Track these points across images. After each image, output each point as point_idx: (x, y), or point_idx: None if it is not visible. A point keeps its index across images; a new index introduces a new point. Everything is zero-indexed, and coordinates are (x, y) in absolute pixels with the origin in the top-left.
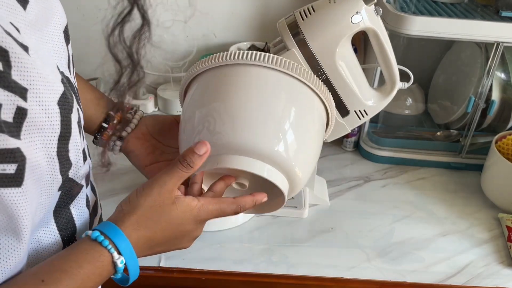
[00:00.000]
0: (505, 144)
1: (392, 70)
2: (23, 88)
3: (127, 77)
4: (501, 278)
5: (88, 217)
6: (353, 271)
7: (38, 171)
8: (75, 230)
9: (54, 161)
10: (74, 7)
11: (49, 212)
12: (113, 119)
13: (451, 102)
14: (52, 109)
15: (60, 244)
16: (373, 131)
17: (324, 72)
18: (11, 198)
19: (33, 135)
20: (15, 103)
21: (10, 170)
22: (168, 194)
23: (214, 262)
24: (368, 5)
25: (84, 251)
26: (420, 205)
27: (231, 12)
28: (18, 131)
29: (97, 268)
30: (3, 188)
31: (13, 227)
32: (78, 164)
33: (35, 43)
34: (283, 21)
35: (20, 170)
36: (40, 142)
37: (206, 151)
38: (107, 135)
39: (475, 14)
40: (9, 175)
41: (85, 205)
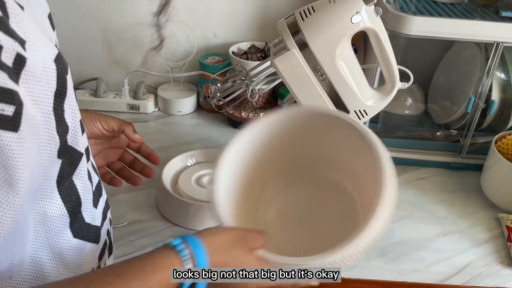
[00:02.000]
0: (505, 144)
1: (392, 70)
2: (21, 39)
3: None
4: (501, 278)
5: (92, 191)
6: (353, 271)
7: (34, 123)
8: (80, 202)
9: (50, 117)
10: (74, 7)
11: (51, 182)
12: None
13: (451, 102)
14: (49, 65)
15: (67, 217)
16: (373, 131)
17: (324, 72)
18: (8, 143)
19: (31, 85)
20: (15, 49)
21: (8, 112)
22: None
23: None
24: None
25: (162, 256)
26: (420, 205)
27: (231, 12)
28: (17, 77)
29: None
30: (0, 129)
31: (7, 177)
32: (76, 130)
33: (27, 8)
34: (283, 21)
35: (17, 114)
36: (37, 93)
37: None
38: None
39: (475, 14)
40: (6, 117)
41: (87, 178)
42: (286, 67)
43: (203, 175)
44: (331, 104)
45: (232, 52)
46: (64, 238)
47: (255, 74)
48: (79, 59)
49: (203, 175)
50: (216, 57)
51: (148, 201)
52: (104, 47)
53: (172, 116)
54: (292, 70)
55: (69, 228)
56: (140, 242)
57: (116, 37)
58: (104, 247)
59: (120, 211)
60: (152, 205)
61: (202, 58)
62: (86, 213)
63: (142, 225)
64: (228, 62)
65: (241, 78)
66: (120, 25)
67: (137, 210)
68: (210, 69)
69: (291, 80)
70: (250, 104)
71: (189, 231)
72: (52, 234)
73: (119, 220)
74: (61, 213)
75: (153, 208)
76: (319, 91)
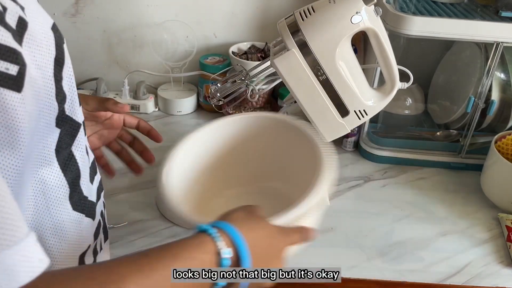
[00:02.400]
0: (505, 144)
1: (392, 70)
2: (21, 5)
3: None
4: (500, 278)
5: (89, 165)
6: (353, 270)
7: (36, 86)
8: (79, 174)
9: (50, 83)
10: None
11: (50, 150)
12: None
13: (450, 102)
14: (47, 32)
15: (67, 188)
16: (373, 131)
17: (324, 72)
18: (11, 103)
19: (33, 49)
20: (18, 13)
21: (12, 71)
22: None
23: None
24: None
25: (195, 240)
26: (420, 205)
27: (231, 12)
28: (20, 39)
29: (203, 256)
30: (4, 88)
31: (9, 138)
32: (73, 100)
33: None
34: (283, 21)
35: (20, 74)
36: (39, 57)
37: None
38: None
39: (475, 14)
40: (11, 76)
41: (85, 152)
42: (286, 67)
43: None
44: (331, 104)
45: (232, 52)
46: (64, 210)
47: (255, 74)
48: (79, 59)
49: None
50: (216, 57)
51: (148, 201)
52: (104, 47)
53: (172, 116)
54: (292, 70)
55: (69, 200)
56: (140, 242)
57: (116, 37)
58: (99, 226)
59: (120, 211)
60: (152, 205)
61: (202, 58)
62: (84, 187)
63: (142, 225)
64: (228, 62)
65: (241, 78)
66: (120, 25)
67: (137, 210)
68: (210, 69)
69: (291, 80)
70: (250, 104)
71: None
72: (53, 205)
73: (119, 220)
74: (60, 183)
75: (153, 208)
76: (319, 91)
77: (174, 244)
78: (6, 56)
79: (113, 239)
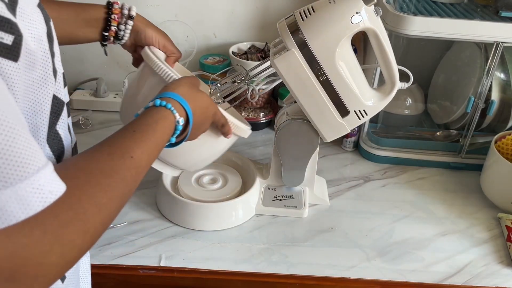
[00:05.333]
0: (505, 144)
1: (392, 70)
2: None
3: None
4: (500, 278)
5: (72, 146)
6: (353, 270)
7: (33, 58)
8: (63, 152)
9: (47, 56)
10: None
11: (43, 127)
12: (114, 6)
13: (450, 102)
14: (35, 9)
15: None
16: (373, 131)
17: (324, 72)
18: (7, 71)
19: (26, 22)
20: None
21: (7, 40)
22: (197, 82)
23: (214, 262)
24: (368, 5)
25: (156, 118)
26: (419, 205)
27: (231, 12)
28: (13, 12)
29: (164, 122)
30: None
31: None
32: (60, 79)
33: None
34: (283, 21)
35: (16, 44)
36: (34, 30)
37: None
38: (116, 22)
39: (474, 14)
40: (6, 45)
41: (68, 131)
42: (286, 67)
43: (203, 175)
44: (331, 104)
45: (232, 52)
46: None
47: (255, 74)
48: (79, 59)
49: (203, 175)
50: (216, 57)
51: (148, 201)
52: None
53: None
54: (292, 70)
55: None
56: (140, 242)
57: None
58: None
59: (120, 211)
60: (152, 205)
61: (202, 58)
62: None
63: (142, 225)
64: (228, 62)
65: (241, 78)
66: None
67: (137, 210)
68: (210, 69)
69: (291, 80)
70: (250, 104)
71: (189, 231)
72: None
73: (119, 220)
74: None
75: (153, 208)
76: (319, 91)
77: (149, 122)
78: (1, 26)
79: (113, 239)
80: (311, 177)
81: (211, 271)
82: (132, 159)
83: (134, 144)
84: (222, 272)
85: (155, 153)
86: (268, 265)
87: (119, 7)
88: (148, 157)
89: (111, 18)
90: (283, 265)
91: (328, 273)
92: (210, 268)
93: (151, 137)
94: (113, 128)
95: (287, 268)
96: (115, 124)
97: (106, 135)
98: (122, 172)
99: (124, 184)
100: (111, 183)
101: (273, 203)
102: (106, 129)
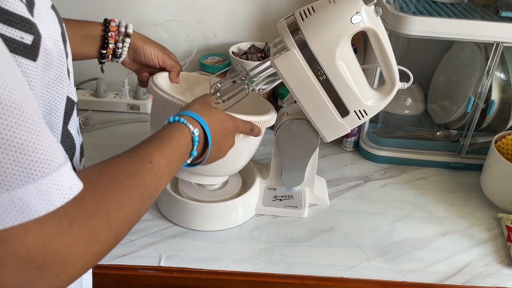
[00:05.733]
0: (505, 144)
1: (392, 70)
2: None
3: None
4: (500, 278)
5: (79, 145)
6: (353, 270)
7: (50, 59)
8: (74, 152)
9: (63, 56)
10: (74, 7)
11: (58, 126)
12: (110, 24)
13: (450, 102)
14: (49, 11)
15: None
16: (373, 131)
17: (324, 72)
18: (27, 70)
19: (43, 23)
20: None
21: (27, 40)
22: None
23: (214, 262)
24: (368, 5)
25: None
26: (419, 205)
27: (231, 12)
28: (31, 13)
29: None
30: (19, 56)
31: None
32: (72, 79)
33: None
34: (283, 21)
35: (36, 44)
36: (51, 31)
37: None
38: (113, 39)
39: (474, 14)
40: (26, 45)
41: (77, 131)
42: (286, 67)
43: None
44: (331, 104)
45: (232, 52)
46: None
47: (255, 74)
48: None
49: None
50: (216, 57)
51: None
52: None
53: None
54: (292, 70)
55: None
56: (140, 242)
57: None
58: None
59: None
60: (152, 205)
61: (202, 58)
62: (76, 165)
63: (142, 225)
64: (228, 62)
65: (241, 78)
66: None
67: None
68: (210, 69)
69: (291, 80)
70: None
71: (189, 231)
72: None
73: None
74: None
75: (153, 208)
76: (319, 91)
77: (165, 134)
78: (21, 25)
79: None
80: (311, 177)
81: (211, 271)
82: (151, 163)
83: (152, 150)
84: (222, 272)
85: (173, 161)
86: (268, 265)
87: (116, 24)
88: (166, 162)
89: (108, 35)
90: (283, 265)
91: (328, 273)
92: (210, 268)
93: (168, 145)
94: (113, 128)
95: (287, 268)
96: (115, 124)
97: (106, 135)
98: (142, 174)
99: (144, 186)
100: (132, 183)
101: (273, 203)
102: (106, 129)
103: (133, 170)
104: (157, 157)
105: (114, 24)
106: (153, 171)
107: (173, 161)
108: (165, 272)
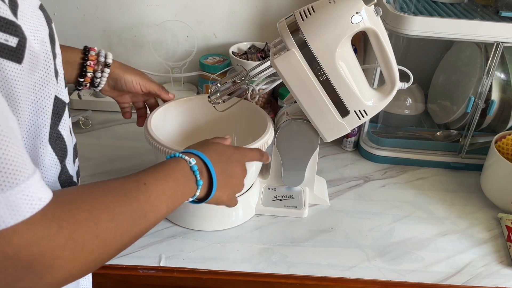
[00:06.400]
0: (505, 144)
1: (392, 70)
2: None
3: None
4: (500, 278)
5: (72, 146)
6: (353, 270)
7: (36, 60)
8: (66, 153)
9: (49, 57)
10: (74, 7)
11: (45, 128)
12: (90, 53)
13: (450, 102)
14: (36, 11)
15: (58, 167)
16: (373, 131)
17: (324, 72)
18: (11, 73)
19: (28, 24)
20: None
21: (12, 43)
22: (210, 139)
23: (214, 262)
24: (368, 5)
25: (166, 161)
26: (419, 205)
27: (231, 12)
28: (15, 15)
29: (182, 177)
30: (4, 59)
31: (11, 109)
32: (61, 79)
33: None
34: (283, 21)
35: (20, 46)
36: (36, 32)
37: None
38: (92, 68)
39: (475, 14)
40: (10, 47)
41: (69, 132)
42: (286, 67)
43: None
44: (331, 104)
45: (232, 52)
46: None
47: (255, 74)
48: None
49: None
50: (216, 57)
51: None
52: (104, 47)
53: None
54: (292, 70)
55: (58, 180)
56: (140, 242)
57: (116, 37)
58: None
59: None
60: None
61: (202, 58)
62: (69, 166)
63: None
64: (228, 62)
65: (241, 78)
66: (120, 25)
67: None
68: (210, 69)
69: (291, 80)
70: None
71: (189, 231)
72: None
73: None
74: (53, 162)
75: None
76: (319, 91)
77: (164, 167)
78: (6, 28)
79: None
80: (311, 177)
81: (211, 271)
82: (145, 185)
83: (147, 174)
84: (222, 272)
85: (172, 187)
86: (268, 265)
87: (95, 53)
88: (162, 187)
89: (86, 64)
90: (283, 265)
91: (328, 273)
92: (210, 268)
93: (163, 170)
94: (113, 128)
95: (287, 268)
96: (115, 124)
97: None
98: (136, 193)
99: (137, 204)
100: (125, 199)
101: (273, 203)
102: (106, 129)
103: (127, 187)
104: (152, 180)
105: (93, 53)
106: (148, 192)
107: (172, 187)
108: (165, 272)
